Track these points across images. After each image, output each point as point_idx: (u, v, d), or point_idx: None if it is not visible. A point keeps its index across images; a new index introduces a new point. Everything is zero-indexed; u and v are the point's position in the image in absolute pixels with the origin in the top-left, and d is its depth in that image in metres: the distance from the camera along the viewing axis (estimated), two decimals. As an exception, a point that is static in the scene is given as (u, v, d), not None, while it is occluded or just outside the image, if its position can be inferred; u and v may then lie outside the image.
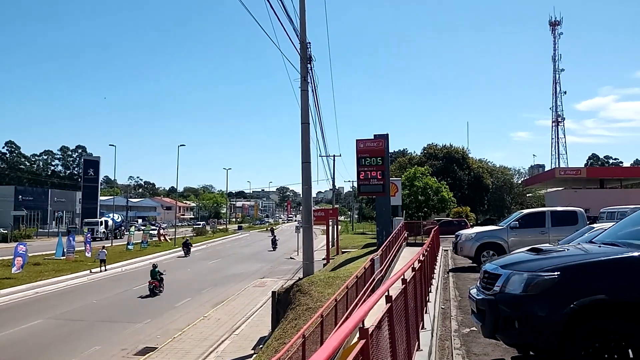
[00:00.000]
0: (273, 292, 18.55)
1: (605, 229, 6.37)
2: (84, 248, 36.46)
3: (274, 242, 50.55)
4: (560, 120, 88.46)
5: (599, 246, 5.22)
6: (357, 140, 26.28)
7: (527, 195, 63.75)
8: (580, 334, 4.34)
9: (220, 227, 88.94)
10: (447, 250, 19.33)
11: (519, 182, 65.82)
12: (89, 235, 41.11)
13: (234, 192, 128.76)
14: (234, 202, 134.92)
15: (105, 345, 16.11)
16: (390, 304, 4.12)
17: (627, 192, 42.17)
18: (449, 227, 30.69)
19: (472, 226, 28.58)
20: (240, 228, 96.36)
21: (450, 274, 13.84)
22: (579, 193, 41.44)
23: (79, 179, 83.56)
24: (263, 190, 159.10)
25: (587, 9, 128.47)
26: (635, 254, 4.58)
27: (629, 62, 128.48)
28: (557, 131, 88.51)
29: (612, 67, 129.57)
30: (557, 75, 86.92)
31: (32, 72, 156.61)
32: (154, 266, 25.87)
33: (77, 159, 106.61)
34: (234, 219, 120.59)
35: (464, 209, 43.85)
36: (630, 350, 4.26)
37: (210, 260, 41.55)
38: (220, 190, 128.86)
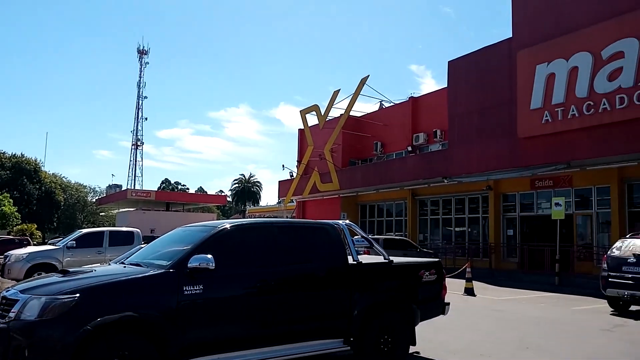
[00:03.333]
0: None
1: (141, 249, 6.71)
2: None
3: None
4: (139, 144, 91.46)
5: (124, 267, 5.43)
6: None
7: (101, 214, 62.73)
8: (91, 354, 4.31)
9: None
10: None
11: (94, 200, 64.19)
12: None
13: None
14: None
15: None
16: None
17: (187, 215, 46.85)
18: (8, 246, 26.80)
19: (36, 245, 25.81)
20: None
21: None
22: (147, 214, 43.42)
23: None
24: None
25: (174, 47, 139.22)
26: (152, 273, 4.96)
27: (205, 102, 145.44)
28: (136, 154, 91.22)
29: (191, 104, 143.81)
30: (141, 102, 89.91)
31: None
32: None
33: None
34: None
35: (30, 227, 39.35)
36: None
37: None
38: None
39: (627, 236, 12.28)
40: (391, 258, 6.77)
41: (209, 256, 4.98)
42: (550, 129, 16.99)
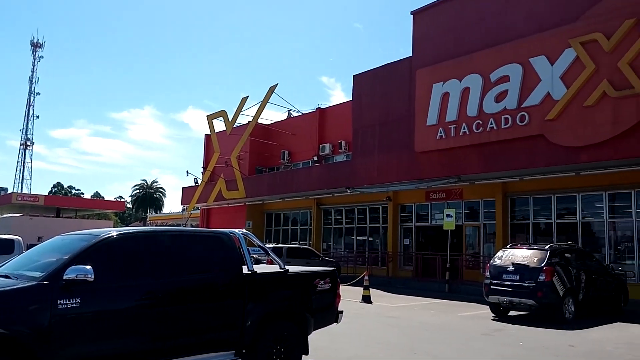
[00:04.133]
0: None
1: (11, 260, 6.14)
2: None
3: None
4: (29, 144, 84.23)
5: (-10, 278, 4.94)
6: None
7: (-20, 219, 56.74)
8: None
9: None
10: None
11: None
12: None
13: None
14: None
15: None
16: None
17: (80, 222, 43.72)
18: None
19: None
20: None
21: None
22: (34, 220, 39.99)
23: None
24: None
25: (73, 41, 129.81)
26: (21, 285, 4.55)
27: (105, 102, 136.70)
28: (25, 155, 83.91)
29: (89, 104, 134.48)
30: (32, 98, 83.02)
31: None
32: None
33: None
34: None
35: None
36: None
37: None
38: None
39: (508, 247, 13.36)
40: (287, 267, 6.78)
41: (88, 267, 4.68)
42: (444, 145, 18.11)
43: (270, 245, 21.21)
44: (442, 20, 19.16)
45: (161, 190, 77.58)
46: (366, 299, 14.55)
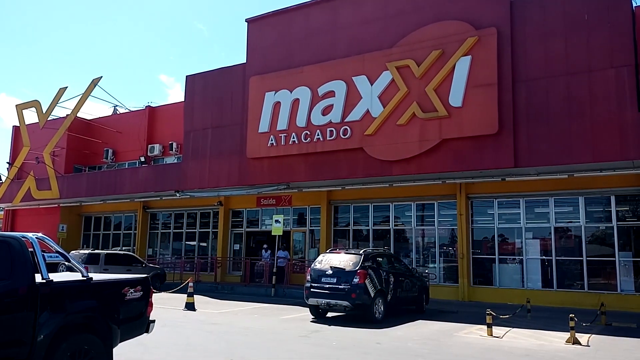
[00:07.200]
0: None
1: None
2: None
3: None
4: None
5: None
6: None
7: None
8: None
9: None
10: None
11: None
12: None
13: None
14: None
15: None
16: None
17: None
18: None
19: None
20: None
21: None
22: None
23: None
24: None
25: None
26: None
27: None
28: None
29: None
30: None
31: None
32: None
33: None
34: None
35: None
36: None
37: None
38: None
39: (327, 251, 14.16)
40: (91, 275, 6.28)
41: None
42: (275, 152, 18.60)
43: (87, 251, 19.49)
44: (275, 31, 19.69)
45: (-46, 187, 66.11)
46: (190, 307, 14.17)
